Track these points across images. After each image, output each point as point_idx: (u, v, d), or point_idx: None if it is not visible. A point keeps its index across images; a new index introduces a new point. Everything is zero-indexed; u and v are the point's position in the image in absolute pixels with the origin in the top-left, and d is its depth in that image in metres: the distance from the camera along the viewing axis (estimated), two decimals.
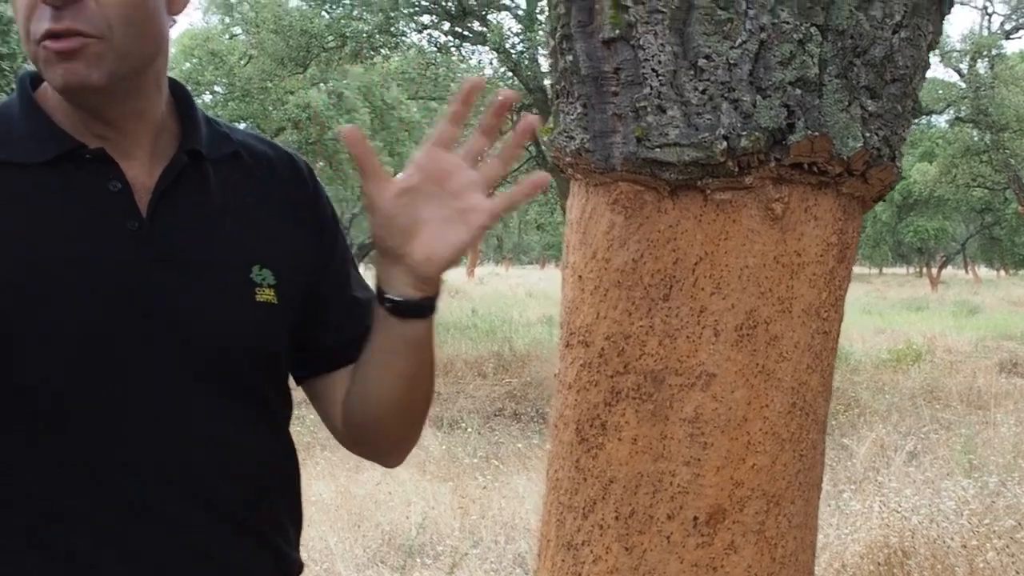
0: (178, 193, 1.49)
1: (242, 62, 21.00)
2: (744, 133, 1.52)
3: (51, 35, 1.36)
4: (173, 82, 1.56)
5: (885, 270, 70.39)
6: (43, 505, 1.40)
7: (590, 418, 1.65)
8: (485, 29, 15.79)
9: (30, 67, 1.49)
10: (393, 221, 1.47)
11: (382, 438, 1.67)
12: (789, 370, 1.60)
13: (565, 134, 1.66)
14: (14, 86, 1.57)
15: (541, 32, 15.16)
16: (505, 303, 27.26)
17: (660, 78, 1.54)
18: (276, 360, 1.57)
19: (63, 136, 1.46)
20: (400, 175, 1.47)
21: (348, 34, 15.85)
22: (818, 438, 1.68)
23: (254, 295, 1.51)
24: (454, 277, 43.45)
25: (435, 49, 17.02)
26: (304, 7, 17.02)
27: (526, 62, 15.43)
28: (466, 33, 16.44)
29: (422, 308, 1.52)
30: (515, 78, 16.55)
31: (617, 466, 1.62)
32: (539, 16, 15.70)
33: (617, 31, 1.56)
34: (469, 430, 10.68)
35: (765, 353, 1.59)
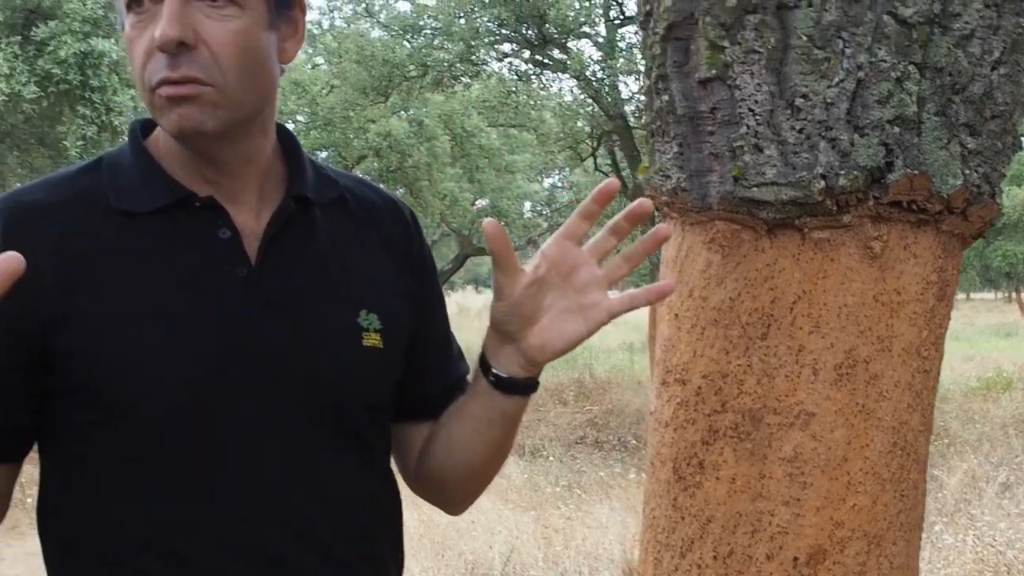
0: (286, 238, 1.52)
1: (324, 91, 21.20)
2: (842, 172, 1.51)
3: (167, 82, 1.39)
4: (280, 127, 1.59)
5: (972, 295, 69.16)
6: (155, 545, 1.42)
7: (687, 456, 1.65)
8: (565, 57, 15.79)
9: (119, 99, 1.53)
10: (518, 308, 1.51)
11: (454, 492, 1.71)
12: (889, 409, 1.59)
13: (661, 173, 1.66)
14: (104, 118, 1.61)
15: (621, 60, 15.16)
16: None
17: (757, 117, 1.54)
18: (382, 404, 1.59)
19: (174, 184, 1.49)
20: (529, 265, 1.50)
21: (429, 63, 15.94)
22: (919, 478, 1.66)
23: (361, 340, 1.53)
24: None
25: (515, 77, 17.07)
26: (386, 37, 17.17)
27: (606, 89, 15.42)
28: (546, 61, 16.46)
29: (526, 387, 1.55)
30: (595, 105, 16.55)
31: (715, 505, 1.62)
32: (619, 44, 15.71)
33: (713, 71, 1.56)
34: (551, 458, 10.66)
35: (865, 392, 1.58)
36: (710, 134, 1.59)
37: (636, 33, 15.86)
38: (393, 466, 1.67)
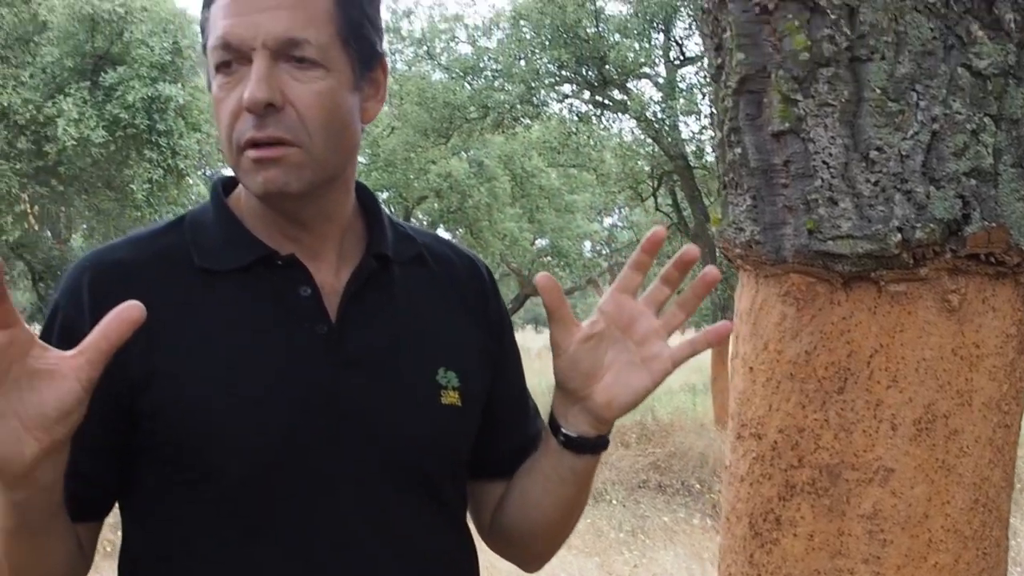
0: (366, 296, 1.53)
1: (386, 133, 21.39)
2: (919, 225, 1.50)
3: (254, 143, 1.41)
4: (359, 185, 1.61)
5: None
6: None
7: (764, 512, 1.63)
8: (626, 98, 15.85)
9: (185, 143, 1.56)
10: (577, 365, 1.51)
11: (529, 549, 1.72)
12: (970, 465, 1.57)
13: (734, 226, 1.66)
14: (170, 162, 1.64)
15: (682, 100, 15.18)
16: None
17: (831, 170, 1.53)
18: (460, 461, 1.59)
19: (256, 243, 1.51)
20: (586, 321, 1.51)
21: (490, 105, 16.05)
22: (1001, 535, 1.63)
23: (440, 398, 1.54)
24: None
25: (576, 118, 17.14)
26: (447, 79, 17.32)
27: (667, 129, 15.43)
28: (607, 102, 16.52)
29: (596, 446, 1.56)
30: (655, 145, 16.56)
31: (793, 562, 1.60)
32: (679, 84, 15.73)
33: (787, 124, 1.56)
34: (614, 502, 10.61)
35: (945, 448, 1.56)
36: (784, 187, 1.58)
37: (696, 73, 15.92)
38: (469, 521, 1.68)
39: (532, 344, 42.07)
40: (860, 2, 1.52)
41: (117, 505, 1.54)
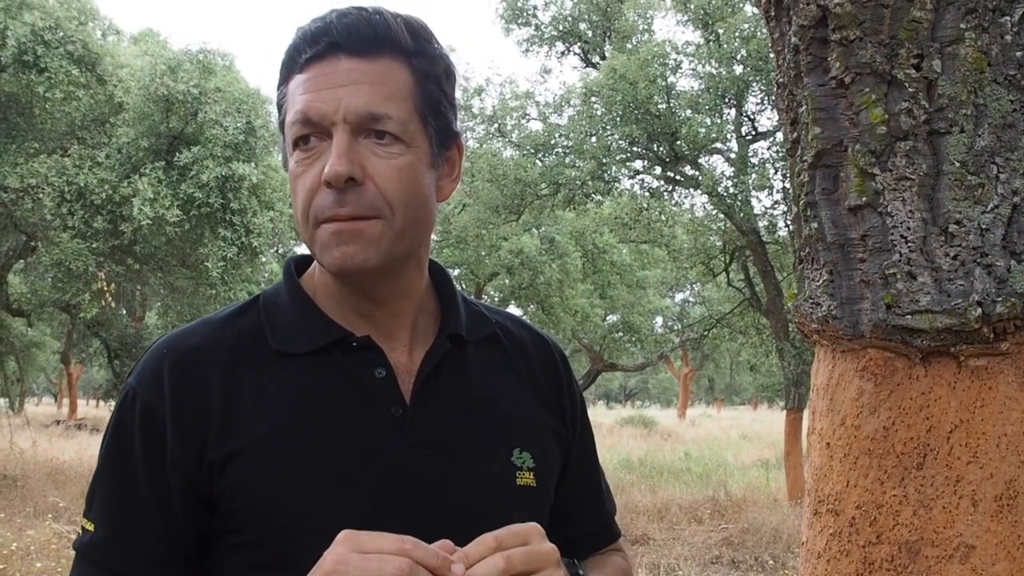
0: (440, 377, 1.53)
1: (457, 210, 21.54)
2: (999, 299, 1.49)
3: (334, 219, 1.42)
4: (432, 264, 1.62)
5: None
6: None
7: None
8: (697, 173, 15.85)
9: (259, 221, 1.56)
10: None
11: None
12: None
13: (811, 300, 1.65)
14: (243, 240, 1.64)
15: (753, 175, 15.14)
16: (719, 445, 26.88)
17: (909, 244, 1.53)
18: None
19: (332, 325, 1.52)
20: None
21: (561, 181, 16.10)
22: None
23: (515, 479, 1.53)
24: (666, 419, 42.97)
25: (647, 194, 17.15)
26: (518, 156, 17.42)
27: (738, 204, 15.39)
28: (678, 177, 16.53)
29: None
30: (727, 220, 16.52)
31: None
32: (751, 159, 15.71)
33: (864, 198, 1.56)
34: None
35: None
36: (861, 261, 1.58)
37: (768, 148, 15.87)
38: None
39: (604, 420, 41.89)
40: (939, 75, 1.52)
41: None
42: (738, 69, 15.33)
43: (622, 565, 1.77)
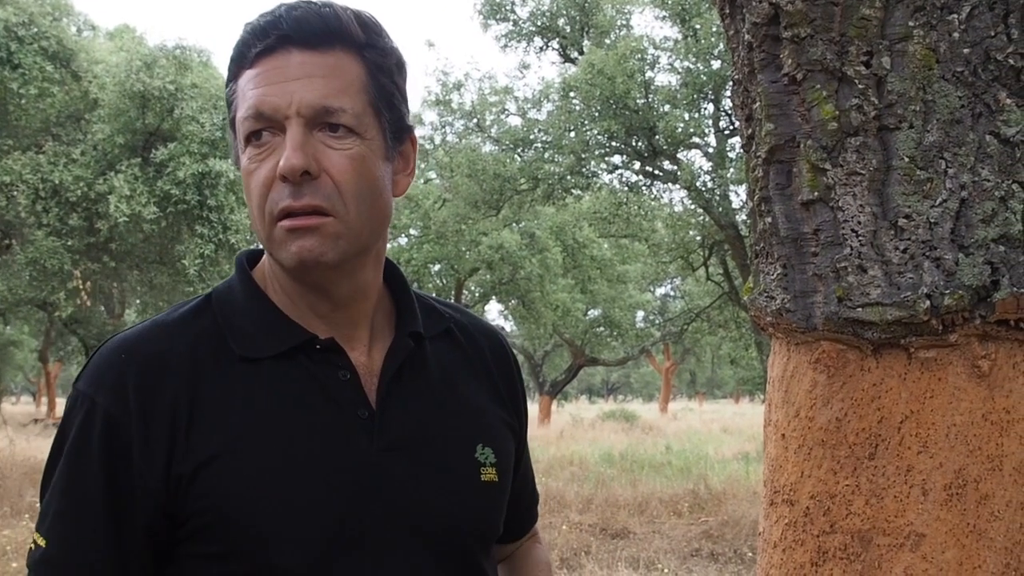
0: (403, 377, 1.53)
1: (437, 206, 21.55)
2: (947, 292, 1.51)
3: (290, 211, 1.41)
4: (387, 262, 1.61)
5: None
6: None
7: None
8: (676, 168, 15.89)
9: (236, 218, 1.55)
10: None
11: None
12: (1002, 530, 1.57)
13: (766, 294, 1.67)
14: (221, 236, 1.64)
15: (732, 170, 15.19)
16: (699, 439, 26.92)
17: (860, 238, 1.55)
18: (496, 534, 1.60)
19: (294, 327, 1.50)
20: None
21: (540, 176, 16.11)
22: None
23: (479, 475, 1.54)
24: (648, 414, 43.00)
25: (626, 188, 17.19)
26: (497, 151, 17.44)
27: (717, 199, 15.45)
28: (657, 172, 16.57)
29: None
30: (706, 215, 16.57)
31: None
32: (729, 154, 15.76)
33: (815, 193, 1.58)
34: (666, 571, 10.50)
35: (976, 512, 1.56)
36: (813, 255, 1.60)
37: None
38: None
39: (585, 414, 41.92)
40: (888, 72, 1.54)
41: None
42: (716, 64, 15.38)
43: (545, 559, 1.82)
